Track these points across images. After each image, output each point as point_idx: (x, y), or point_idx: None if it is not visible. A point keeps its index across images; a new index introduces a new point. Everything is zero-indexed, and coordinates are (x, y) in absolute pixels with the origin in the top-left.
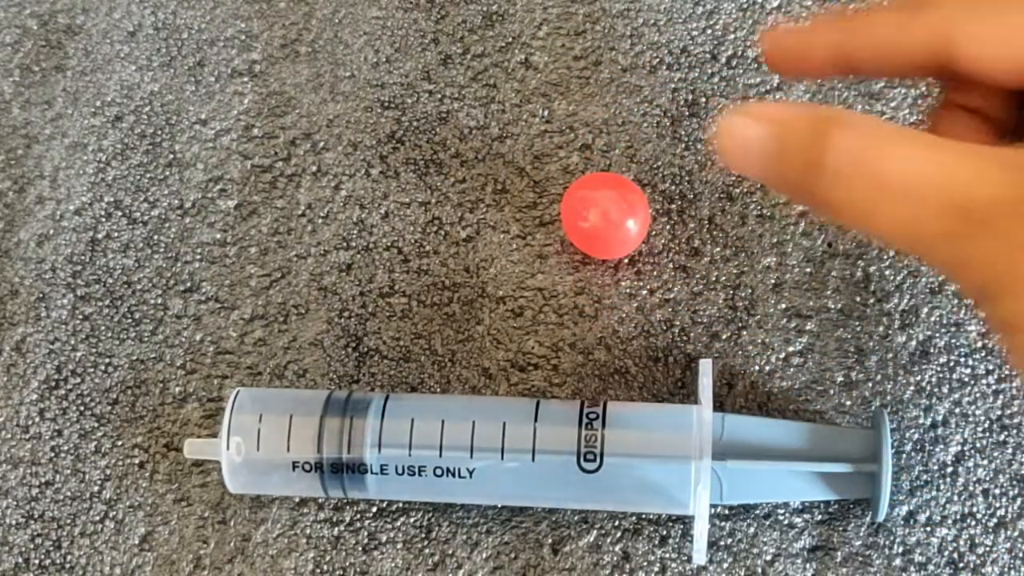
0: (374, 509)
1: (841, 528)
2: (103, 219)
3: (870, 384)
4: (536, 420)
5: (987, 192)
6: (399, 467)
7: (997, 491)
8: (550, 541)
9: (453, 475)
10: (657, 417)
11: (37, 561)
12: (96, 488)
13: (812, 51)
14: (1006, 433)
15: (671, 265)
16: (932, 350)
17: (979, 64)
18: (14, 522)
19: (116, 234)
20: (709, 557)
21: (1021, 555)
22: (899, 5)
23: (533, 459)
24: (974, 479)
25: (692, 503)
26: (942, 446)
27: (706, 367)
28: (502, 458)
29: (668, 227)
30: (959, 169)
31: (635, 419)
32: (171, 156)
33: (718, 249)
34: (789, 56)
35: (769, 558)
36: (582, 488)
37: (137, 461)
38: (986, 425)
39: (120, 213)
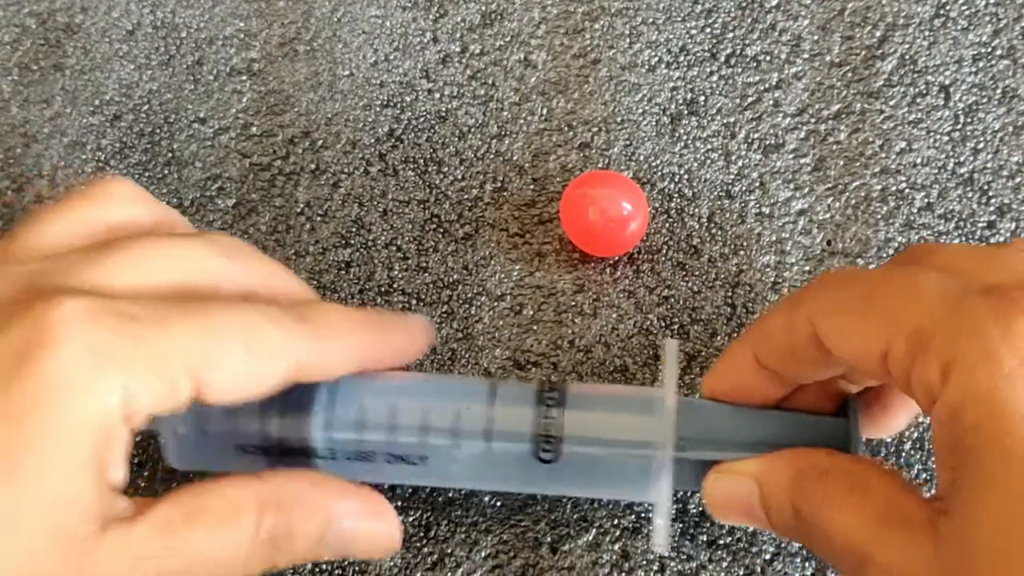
0: None
1: None
2: None
3: None
4: (492, 403)
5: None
6: (348, 452)
7: None
8: (549, 540)
9: (404, 461)
10: (620, 401)
11: None
12: None
13: (745, 382)
14: None
15: (670, 263)
16: None
17: (840, 354)
18: None
19: None
20: (698, 554)
21: None
22: (783, 306)
23: (488, 446)
24: None
25: (653, 492)
26: None
27: (671, 348)
28: (456, 445)
29: (667, 225)
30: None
31: (596, 402)
32: (170, 155)
33: (717, 247)
34: (735, 396)
35: (768, 557)
36: (539, 475)
37: (136, 460)
38: None
39: None
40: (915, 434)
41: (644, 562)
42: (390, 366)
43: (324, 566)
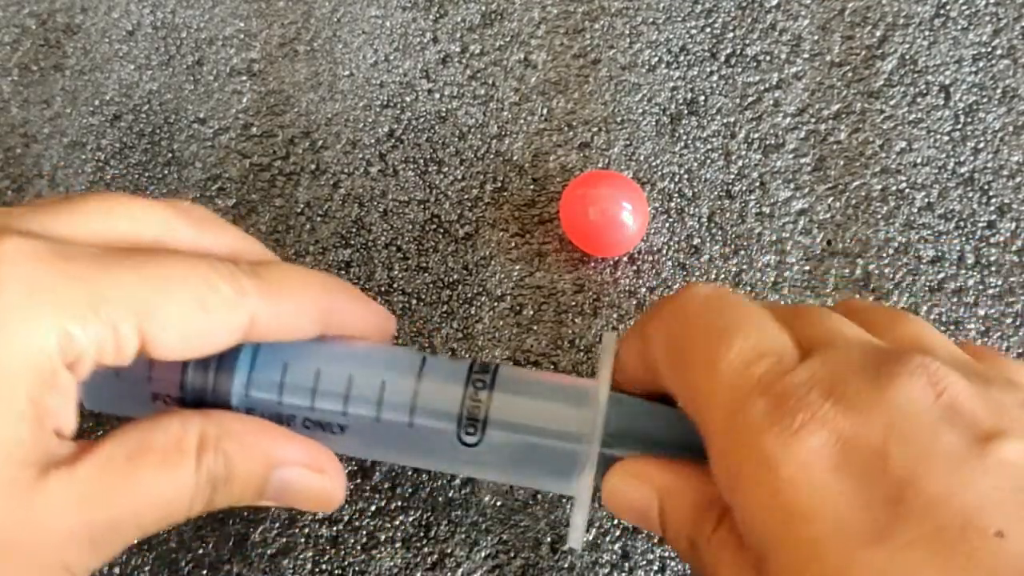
0: (373, 508)
1: None
2: None
3: None
4: (419, 378)
5: None
6: (266, 413)
7: None
8: (549, 540)
9: (324, 429)
10: (551, 390)
11: None
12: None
13: (639, 379)
14: None
15: (670, 263)
16: None
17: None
18: None
19: None
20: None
21: None
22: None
23: (411, 423)
24: None
25: (575, 487)
26: None
27: (608, 341)
28: (377, 418)
29: (667, 225)
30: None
31: (526, 389)
32: (169, 155)
33: (717, 247)
34: (635, 390)
35: None
36: (461, 457)
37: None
38: None
39: None
40: None
41: (644, 562)
42: (352, 334)
43: (324, 566)
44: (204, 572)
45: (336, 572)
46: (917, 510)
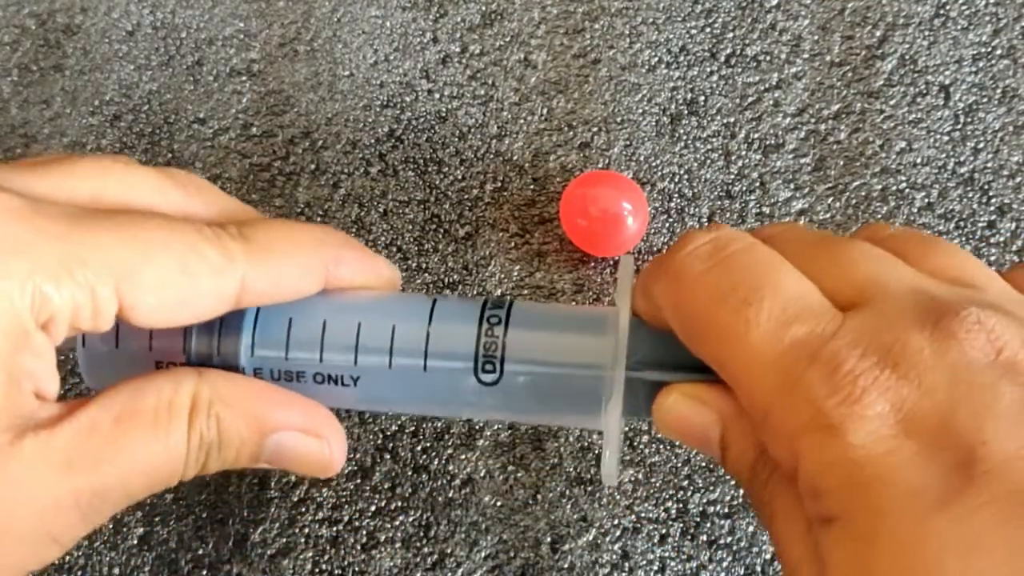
0: (373, 508)
1: None
2: None
3: None
4: (431, 322)
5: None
6: (274, 371)
7: None
8: (549, 540)
9: (335, 382)
10: (569, 320)
11: None
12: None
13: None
14: None
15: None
16: None
17: None
18: None
19: None
20: (698, 554)
21: None
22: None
23: (425, 367)
24: None
25: (603, 417)
26: None
27: (627, 264)
28: (390, 365)
29: (667, 225)
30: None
31: (543, 321)
32: (169, 155)
33: None
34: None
35: (769, 557)
36: (481, 398)
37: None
38: None
39: None
40: None
41: (644, 562)
42: (356, 287)
43: (324, 566)
44: (204, 572)
45: (336, 572)
46: (986, 473)
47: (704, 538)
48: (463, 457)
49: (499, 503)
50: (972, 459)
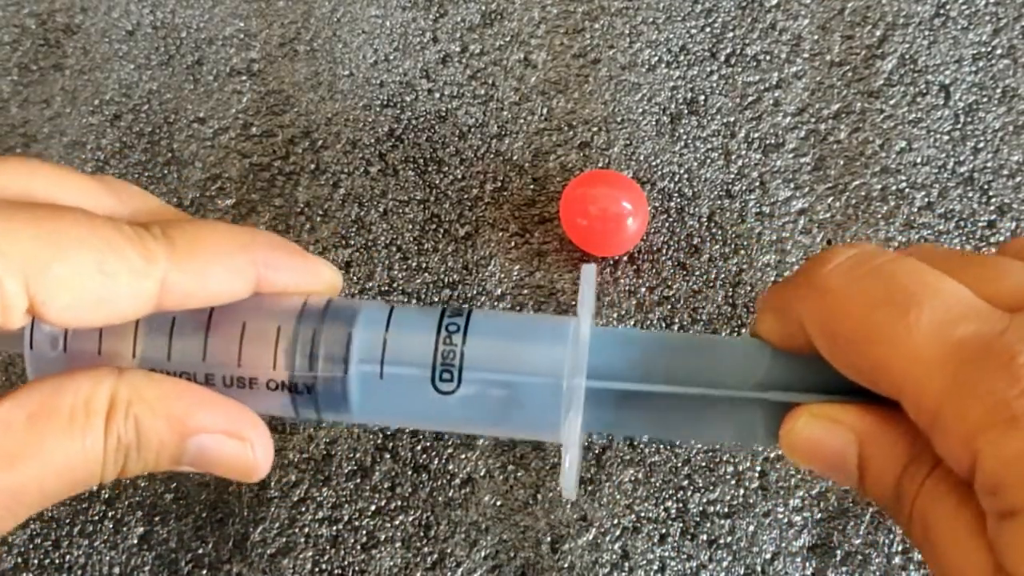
0: (373, 508)
1: (841, 526)
2: None
3: None
4: (387, 329)
5: None
6: (226, 377)
7: None
8: (549, 539)
9: (290, 390)
10: (529, 329)
11: (36, 561)
12: (95, 488)
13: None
14: None
15: (670, 263)
16: None
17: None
18: None
19: None
20: (698, 553)
21: None
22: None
23: (381, 375)
24: None
25: (562, 430)
26: None
27: (588, 273)
28: (346, 373)
29: (667, 225)
30: None
31: (503, 330)
32: (169, 154)
33: (717, 247)
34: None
35: (769, 556)
36: (439, 408)
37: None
38: None
39: None
40: None
41: (644, 562)
42: (293, 291)
43: (324, 566)
44: (204, 572)
45: (336, 572)
46: None
47: (704, 538)
48: (463, 457)
49: (499, 503)
50: None
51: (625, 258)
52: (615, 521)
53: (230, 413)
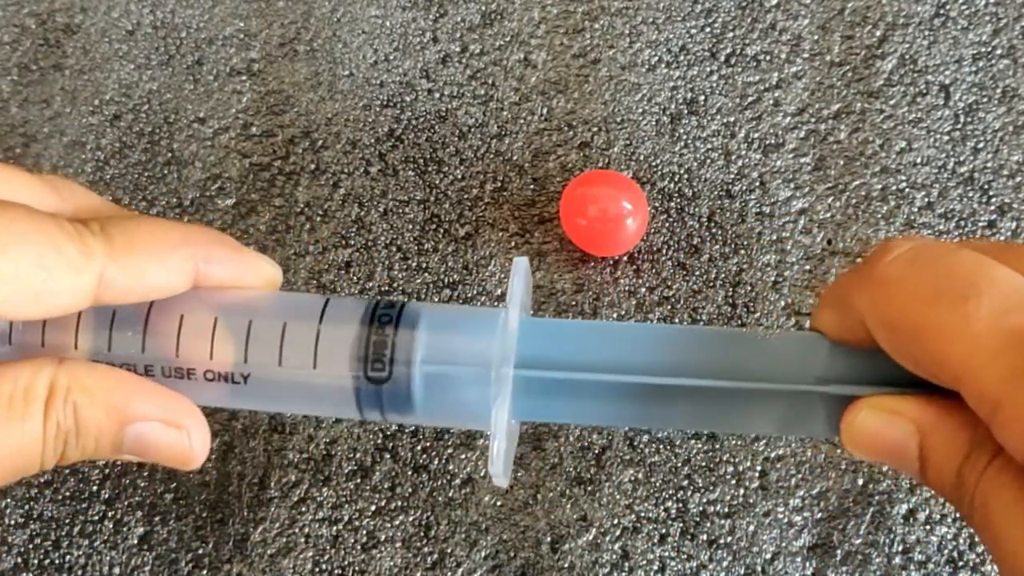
0: (373, 508)
1: (841, 526)
2: None
3: None
4: (321, 321)
5: None
6: (165, 368)
7: None
8: (549, 539)
9: (226, 380)
10: (459, 320)
11: (36, 561)
12: (95, 488)
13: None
14: None
15: (670, 263)
16: None
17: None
18: (13, 522)
19: None
20: (698, 553)
21: None
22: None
23: (315, 366)
24: None
25: (492, 418)
26: None
27: (519, 266)
28: (280, 364)
29: (667, 225)
30: None
31: (433, 321)
32: (169, 154)
33: (717, 247)
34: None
35: (769, 556)
36: (371, 399)
37: (136, 460)
38: None
39: None
40: None
41: (644, 562)
42: (232, 286)
43: (324, 566)
44: (204, 572)
45: (336, 572)
46: None
47: (704, 538)
48: (463, 457)
49: (499, 503)
50: None
51: (625, 258)
52: (615, 521)
53: (168, 402)
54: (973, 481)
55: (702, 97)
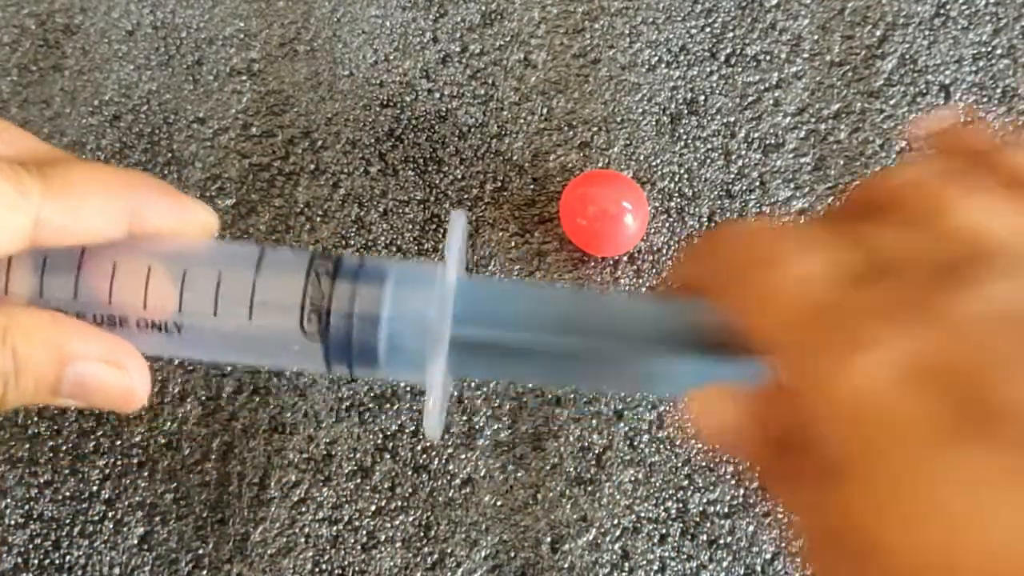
0: (373, 508)
1: None
2: None
3: None
4: (257, 271)
5: None
6: (97, 316)
7: None
8: (549, 539)
9: (159, 329)
10: (397, 275)
11: (36, 561)
12: (95, 488)
13: None
14: None
15: (670, 263)
16: None
17: None
18: (13, 522)
19: None
20: (698, 554)
21: None
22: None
23: (250, 316)
24: None
25: (427, 374)
26: None
27: (457, 219)
28: (215, 314)
29: (667, 224)
30: None
31: (371, 275)
32: (169, 155)
33: None
34: None
35: (769, 557)
36: (305, 352)
37: (136, 460)
38: None
39: None
40: None
41: (644, 562)
42: (168, 233)
43: (324, 566)
44: (204, 572)
45: (336, 572)
46: (999, 413)
47: (704, 538)
48: (463, 457)
49: (499, 503)
50: (984, 399)
51: (625, 258)
52: (615, 521)
53: (107, 342)
54: (774, 466)
55: (702, 97)
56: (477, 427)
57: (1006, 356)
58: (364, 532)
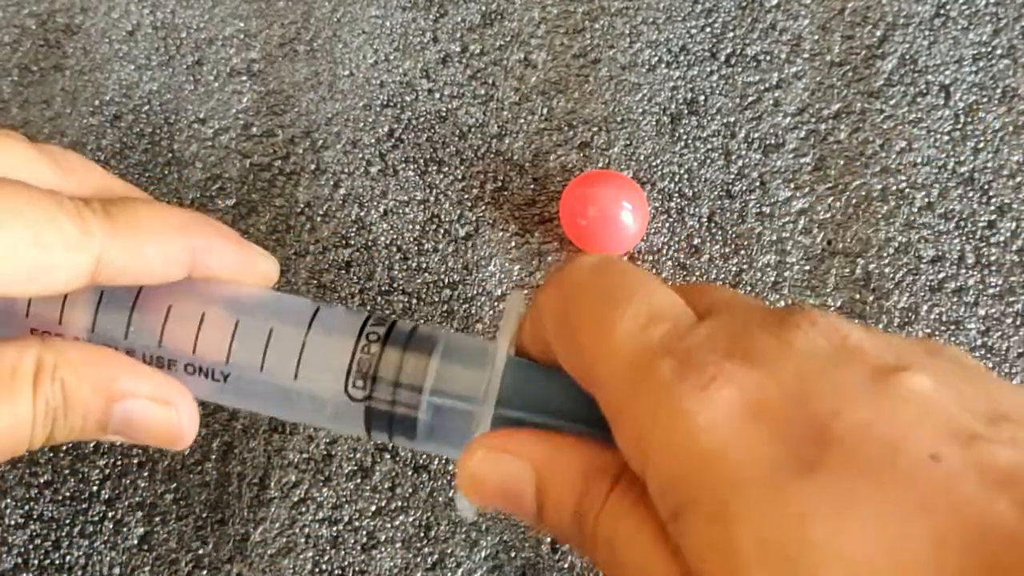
0: (373, 508)
1: None
2: None
3: None
4: (309, 329)
5: None
6: (147, 356)
7: None
8: (549, 539)
9: (206, 376)
10: (449, 348)
11: (36, 561)
12: (95, 488)
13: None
14: None
15: (670, 263)
16: None
17: None
18: (13, 522)
19: None
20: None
21: None
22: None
23: (296, 375)
24: None
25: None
26: None
27: (515, 300)
28: (261, 369)
29: (667, 225)
30: None
31: (420, 345)
32: (170, 155)
33: (717, 247)
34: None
35: None
36: (349, 415)
37: (136, 461)
38: None
39: None
40: None
41: None
42: (227, 278)
43: (324, 566)
44: (204, 572)
45: (336, 573)
46: (842, 442)
47: None
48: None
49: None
50: (825, 430)
51: (625, 258)
52: None
53: (155, 379)
54: (594, 512)
55: (702, 97)
56: None
57: (844, 386)
58: (364, 532)
